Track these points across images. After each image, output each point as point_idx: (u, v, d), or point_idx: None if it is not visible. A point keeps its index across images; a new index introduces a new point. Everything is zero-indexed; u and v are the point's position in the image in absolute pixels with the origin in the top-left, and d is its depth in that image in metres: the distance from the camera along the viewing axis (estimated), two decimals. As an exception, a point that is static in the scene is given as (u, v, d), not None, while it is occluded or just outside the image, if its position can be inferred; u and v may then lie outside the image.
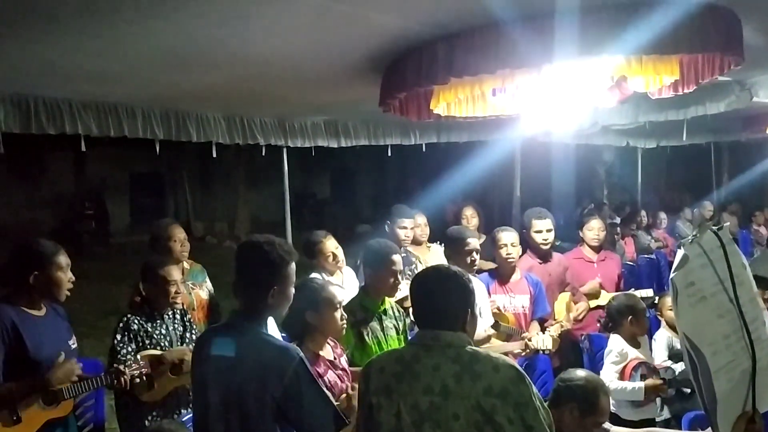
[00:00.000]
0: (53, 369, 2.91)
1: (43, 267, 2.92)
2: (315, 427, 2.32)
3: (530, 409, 2.07)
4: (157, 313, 3.63)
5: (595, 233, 5.23)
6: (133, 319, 3.55)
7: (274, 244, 2.42)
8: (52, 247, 3.02)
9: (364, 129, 5.85)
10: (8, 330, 2.80)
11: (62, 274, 2.97)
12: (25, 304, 2.93)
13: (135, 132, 4.37)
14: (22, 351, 2.82)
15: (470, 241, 4.08)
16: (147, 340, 3.53)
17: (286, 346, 2.36)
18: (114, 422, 5.32)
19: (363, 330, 3.47)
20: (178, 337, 3.71)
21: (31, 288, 2.92)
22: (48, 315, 3.03)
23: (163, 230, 4.51)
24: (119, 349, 3.44)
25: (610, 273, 5.26)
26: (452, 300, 2.22)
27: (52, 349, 2.94)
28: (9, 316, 2.83)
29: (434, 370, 2.12)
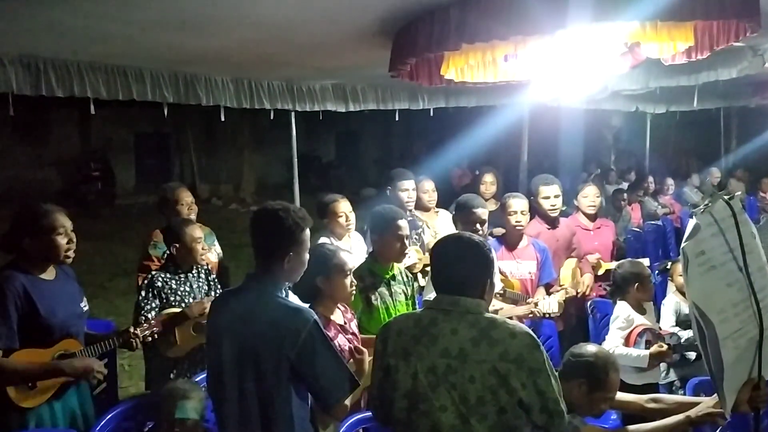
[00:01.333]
0: (74, 361, 2.92)
1: (34, 231, 2.89)
2: (329, 387, 2.37)
3: (543, 375, 2.12)
4: (181, 271, 3.69)
5: (591, 200, 5.17)
6: (157, 276, 3.61)
7: (289, 210, 2.44)
8: (45, 210, 2.95)
9: (373, 93, 5.82)
10: (20, 296, 2.80)
11: (56, 237, 2.91)
12: (34, 269, 2.92)
13: (144, 95, 4.36)
14: (35, 316, 2.83)
15: (477, 210, 4.06)
16: (172, 296, 3.59)
17: (300, 308, 2.40)
18: (125, 381, 5.46)
19: (371, 295, 3.51)
20: (203, 296, 3.76)
21: (30, 252, 2.91)
22: (58, 278, 3.02)
23: (170, 193, 4.54)
24: (143, 305, 3.50)
25: (606, 241, 5.24)
26: (473, 269, 2.26)
27: (64, 313, 2.95)
28: (19, 281, 2.83)
29: (452, 334, 2.16)
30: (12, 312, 2.77)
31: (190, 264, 3.76)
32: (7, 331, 2.76)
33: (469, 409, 2.11)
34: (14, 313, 2.78)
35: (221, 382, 2.41)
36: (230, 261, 5.05)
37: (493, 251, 2.37)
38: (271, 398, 2.35)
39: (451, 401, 2.13)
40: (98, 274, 9.37)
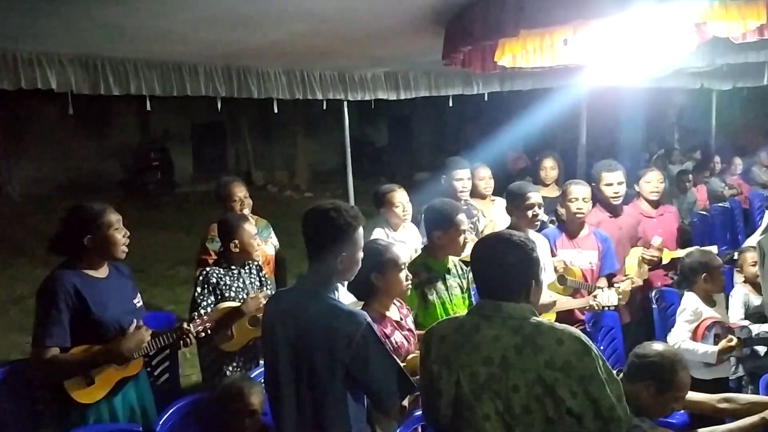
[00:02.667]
0: (125, 339, 2.97)
1: (94, 229, 2.94)
2: (384, 390, 2.33)
3: (595, 382, 2.02)
4: (234, 267, 3.72)
5: (654, 186, 4.89)
6: (212, 272, 3.65)
7: (341, 209, 2.40)
8: (100, 207, 3.01)
9: (425, 80, 5.73)
10: (71, 294, 2.86)
11: (114, 233, 2.98)
12: (86, 267, 2.98)
13: (197, 90, 4.41)
14: (87, 313, 2.89)
15: (531, 195, 3.94)
16: (226, 292, 3.63)
17: (353, 312, 2.36)
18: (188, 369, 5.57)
19: (427, 290, 3.44)
20: (256, 291, 3.79)
21: (89, 251, 2.96)
22: (111, 276, 3.07)
23: (223, 188, 4.60)
24: (200, 301, 3.55)
25: (670, 227, 5.00)
26: (515, 271, 2.15)
27: (116, 310, 3.00)
28: (71, 280, 2.89)
29: (494, 341, 2.08)
30: (64, 311, 2.84)
31: (244, 261, 3.79)
32: (59, 330, 2.83)
33: (514, 418, 2.04)
34: (66, 311, 2.84)
35: (277, 382, 2.41)
36: (286, 248, 5.06)
37: (536, 250, 2.24)
38: (325, 400, 2.33)
39: (494, 410, 2.06)
40: (159, 263, 9.59)
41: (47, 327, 2.81)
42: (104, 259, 3.03)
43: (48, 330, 2.80)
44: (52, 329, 2.81)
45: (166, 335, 3.20)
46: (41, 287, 2.91)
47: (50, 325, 2.81)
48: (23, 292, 8.54)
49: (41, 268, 9.76)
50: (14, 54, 3.60)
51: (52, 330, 2.81)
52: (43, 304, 2.85)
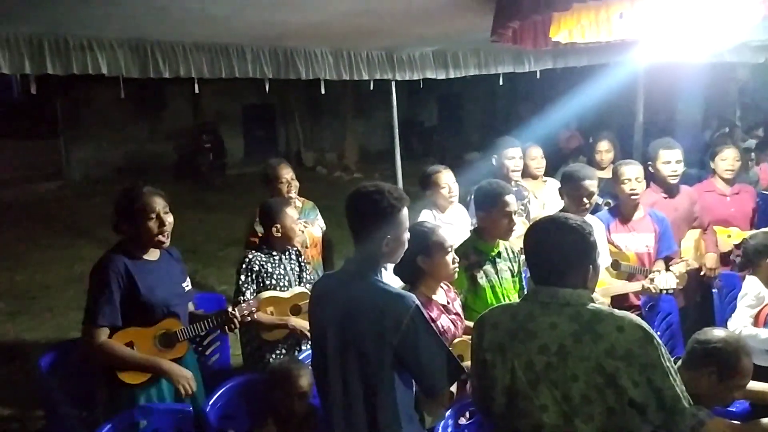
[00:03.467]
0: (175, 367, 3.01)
1: (128, 216, 2.98)
2: (432, 374, 2.29)
3: (658, 371, 1.94)
4: (275, 253, 3.72)
5: (730, 164, 4.73)
6: (254, 259, 3.66)
7: (384, 191, 2.36)
8: (134, 195, 3.02)
9: (474, 58, 5.59)
10: (122, 276, 2.92)
11: (148, 222, 2.97)
12: (137, 251, 3.02)
13: (245, 72, 4.40)
14: (136, 295, 2.94)
15: (585, 183, 3.77)
16: (267, 279, 3.64)
17: (402, 294, 2.32)
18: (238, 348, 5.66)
19: (476, 273, 3.38)
20: (296, 277, 3.80)
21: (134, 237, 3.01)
22: (162, 259, 3.11)
23: (271, 171, 4.61)
24: (243, 290, 3.57)
25: (745, 207, 4.80)
26: (572, 256, 2.07)
27: (164, 292, 3.04)
28: (122, 262, 2.94)
29: (551, 329, 2.01)
30: (115, 291, 2.90)
31: (285, 246, 3.78)
32: (111, 310, 2.89)
33: (573, 408, 1.97)
34: (117, 292, 2.90)
35: (325, 367, 2.40)
36: (336, 229, 5.04)
37: (593, 233, 2.15)
38: (374, 384, 2.31)
39: (552, 400, 2.00)
40: (211, 244, 9.75)
41: (99, 306, 2.88)
42: (142, 245, 3.04)
43: (100, 309, 2.87)
44: (105, 308, 2.88)
45: (210, 319, 3.22)
46: (94, 267, 2.98)
47: (102, 305, 2.88)
48: (83, 271, 8.81)
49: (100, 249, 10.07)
50: (65, 39, 3.64)
51: (104, 309, 2.88)
52: (96, 283, 2.92)
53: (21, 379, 5.24)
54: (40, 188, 15.32)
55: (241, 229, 9.84)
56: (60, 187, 15.60)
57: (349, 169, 16.96)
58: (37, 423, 4.63)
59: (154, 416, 2.85)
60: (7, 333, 6.60)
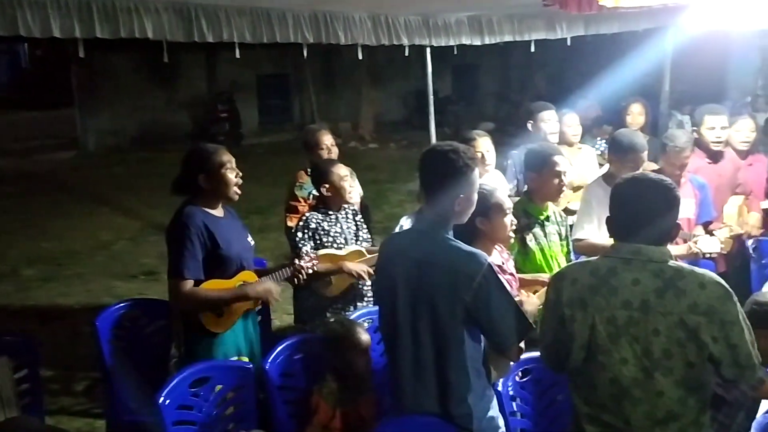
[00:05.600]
0: (258, 284, 3.15)
1: (208, 168, 3.06)
2: (503, 330, 2.34)
3: (737, 328, 1.99)
4: (332, 212, 3.77)
5: (745, 135, 4.64)
6: (311, 217, 3.71)
7: (459, 151, 2.39)
8: (213, 148, 3.15)
9: (508, 24, 5.58)
10: (202, 231, 3.00)
11: (227, 172, 3.07)
12: (207, 206, 3.10)
13: (286, 37, 4.40)
14: (216, 249, 3.03)
15: (642, 155, 3.78)
16: (324, 237, 3.69)
17: (475, 252, 2.37)
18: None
19: (526, 236, 3.43)
20: (353, 235, 3.85)
21: (205, 190, 3.08)
22: (227, 215, 3.20)
23: (311, 137, 4.63)
24: (300, 246, 3.62)
25: (759, 177, 4.78)
26: (661, 214, 2.11)
27: (238, 246, 3.15)
28: (200, 217, 3.03)
29: (633, 284, 2.04)
30: (197, 245, 2.98)
31: (339, 204, 3.82)
32: (194, 264, 2.97)
33: (653, 362, 2.02)
34: (199, 246, 2.98)
35: (395, 323, 2.45)
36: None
37: (678, 192, 2.19)
38: (445, 340, 2.37)
39: (632, 354, 2.04)
40: (233, 213, 9.79)
41: (184, 260, 2.95)
42: (219, 198, 3.13)
43: (185, 263, 2.95)
44: (189, 262, 2.95)
45: (283, 271, 3.31)
46: (173, 223, 3.05)
47: (187, 259, 2.95)
48: (108, 238, 8.92)
49: (123, 217, 10.19)
50: (113, 2, 3.66)
51: (188, 263, 2.95)
52: (178, 238, 2.99)
53: (61, 340, 5.34)
54: (57, 158, 15.39)
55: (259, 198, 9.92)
56: (76, 156, 15.65)
57: (364, 140, 16.91)
58: (81, 383, 4.75)
59: (217, 372, 2.92)
60: (39, 298, 6.70)
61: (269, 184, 10.37)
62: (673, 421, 2.04)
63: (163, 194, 3.44)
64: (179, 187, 3.14)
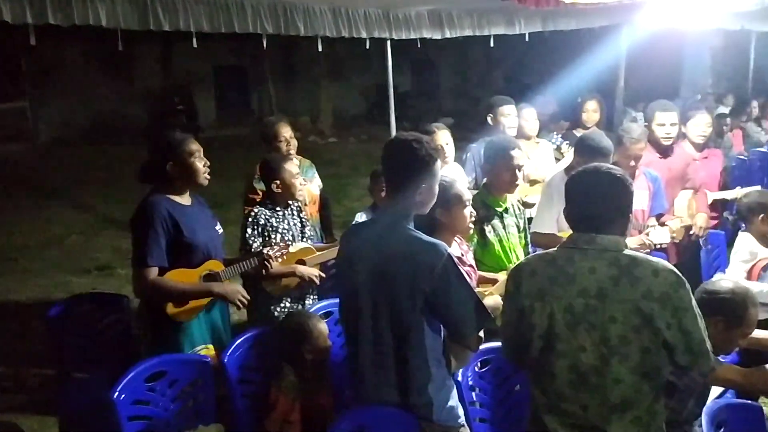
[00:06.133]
0: (225, 285, 3.13)
1: (176, 156, 3.02)
2: (463, 320, 2.36)
3: (689, 315, 2.03)
4: (279, 208, 3.74)
5: (701, 129, 4.80)
6: (260, 213, 3.67)
7: (422, 141, 2.40)
8: (181, 136, 3.12)
9: (468, 19, 5.60)
10: (166, 218, 2.97)
11: (196, 161, 3.06)
12: (174, 194, 3.07)
13: (244, 27, 4.34)
14: (180, 237, 3.00)
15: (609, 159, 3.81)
16: (273, 233, 3.65)
17: (435, 242, 2.37)
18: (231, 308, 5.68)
19: (485, 227, 3.46)
20: (299, 232, 3.83)
21: (173, 178, 3.04)
22: (194, 204, 3.17)
23: (269, 129, 4.59)
24: (251, 242, 3.58)
25: (713, 170, 4.99)
26: (616, 204, 2.15)
27: (204, 235, 3.11)
28: (164, 205, 2.99)
29: (590, 273, 2.08)
30: (161, 233, 2.95)
31: (287, 201, 3.79)
32: (158, 251, 2.94)
33: (610, 349, 2.05)
34: (163, 234, 2.95)
35: (355, 314, 2.44)
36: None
37: (633, 185, 2.23)
38: (405, 330, 2.37)
39: (590, 341, 2.07)
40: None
41: (148, 248, 2.92)
42: (187, 185, 3.11)
43: (149, 251, 2.91)
44: (153, 251, 2.92)
45: (249, 260, 3.29)
46: (137, 213, 3.01)
47: (150, 247, 2.92)
48: (60, 232, 8.69)
49: (74, 211, 9.93)
50: (67, -10, 3.56)
51: (152, 251, 2.92)
52: (142, 227, 2.95)
53: (12, 337, 5.19)
54: (6, 150, 14.91)
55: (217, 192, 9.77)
56: (26, 149, 15.22)
57: (323, 134, 16.85)
58: (33, 380, 4.62)
59: (174, 366, 2.87)
60: (-10, 294, 6.50)
61: (227, 177, 10.13)
62: (630, 408, 2.08)
63: (117, 188, 3.40)
64: (146, 175, 3.09)
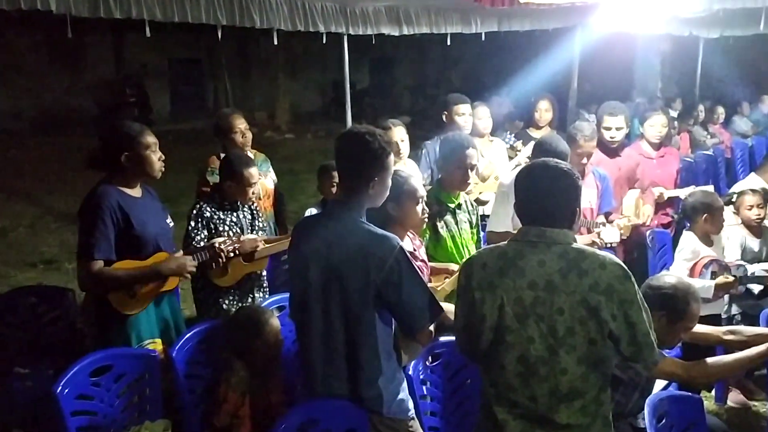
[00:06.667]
0: (168, 260, 3.06)
1: (132, 147, 2.97)
2: (414, 313, 2.37)
3: (634, 307, 2.07)
4: (227, 203, 3.68)
5: (657, 130, 5.00)
6: (205, 206, 3.61)
7: (375, 134, 2.40)
8: (138, 128, 3.06)
9: (425, 16, 5.63)
10: (116, 210, 2.91)
11: (151, 153, 3.01)
12: (124, 186, 3.01)
13: (198, 17, 4.28)
14: (129, 229, 2.94)
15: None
16: (221, 226, 3.60)
17: (387, 235, 2.38)
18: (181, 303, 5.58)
19: (438, 223, 3.48)
20: (248, 225, 3.77)
21: (125, 169, 2.98)
22: (145, 196, 3.12)
23: (223, 121, 4.54)
24: (194, 235, 3.51)
25: (670, 169, 5.14)
26: (564, 198, 2.17)
27: (154, 227, 3.06)
28: (114, 197, 2.93)
29: (539, 265, 2.11)
30: (109, 225, 2.88)
31: (239, 201, 3.72)
32: (105, 244, 2.88)
33: (558, 340, 2.09)
34: (111, 226, 2.89)
35: (306, 307, 2.43)
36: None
37: (580, 180, 2.28)
38: (356, 323, 2.37)
39: (539, 333, 2.10)
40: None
41: (94, 240, 2.85)
42: (140, 177, 3.06)
43: (95, 243, 2.85)
44: (100, 243, 2.86)
45: (200, 254, 3.24)
46: (85, 203, 2.93)
47: (97, 239, 2.85)
48: (5, 225, 8.42)
49: (20, 203, 9.63)
50: (14, -26, 3.45)
51: (99, 243, 2.85)
52: (89, 218, 2.89)
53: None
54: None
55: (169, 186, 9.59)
56: (-30, 139, 14.67)
57: (280, 129, 16.71)
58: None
59: (120, 360, 2.81)
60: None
61: (179, 171, 9.97)
62: (577, 398, 2.12)
63: (64, 180, 3.31)
64: (96, 163, 3.02)
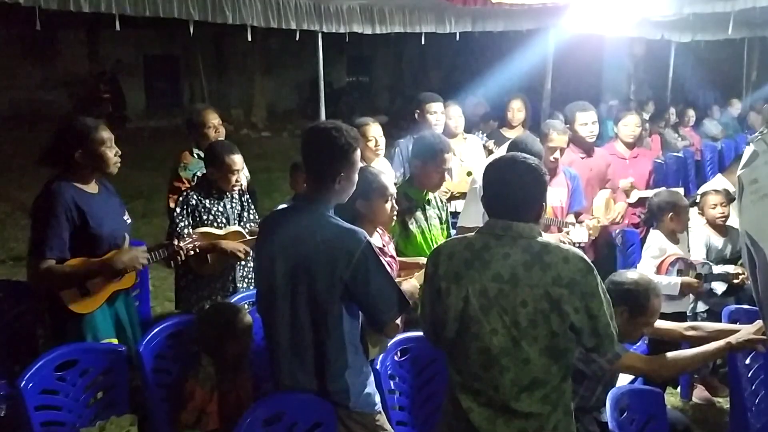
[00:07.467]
0: (121, 253, 3.01)
1: (86, 144, 2.93)
2: (381, 307, 2.39)
3: (596, 300, 2.11)
4: (215, 192, 3.68)
5: (631, 129, 5.13)
6: (192, 194, 3.61)
7: (342, 129, 2.41)
8: (93, 124, 3.02)
9: (399, 15, 5.65)
10: (71, 208, 2.87)
11: (106, 150, 2.98)
12: (80, 182, 2.97)
13: (170, 12, 4.26)
14: (85, 227, 2.90)
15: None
16: (205, 216, 3.60)
17: (354, 229, 2.39)
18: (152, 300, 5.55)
19: (407, 219, 3.51)
20: (236, 216, 3.77)
21: (80, 166, 2.95)
22: (101, 192, 3.08)
23: (196, 116, 4.54)
24: (177, 222, 3.53)
25: (642, 170, 5.24)
26: (530, 193, 2.20)
27: (111, 225, 3.03)
28: (70, 194, 2.89)
29: (504, 258, 2.14)
30: (63, 223, 2.84)
31: (224, 190, 3.73)
32: (59, 242, 2.84)
33: (521, 332, 2.12)
34: (66, 224, 2.85)
35: (273, 301, 2.44)
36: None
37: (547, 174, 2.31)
38: (323, 317, 2.38)
39: (502, 324, 2.13)
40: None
41: (47, 239, 2.81)
42: (95, 174, 3.02)
43: (48, 241, 2.81)
44: (52, 241, 2.81)
45: (157, 251, 3.21)
46: (39, 200, 2.89)
47: (50, 237, 2.81)
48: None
49: (-8, 198, 9.48)
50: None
51: (52, 242, 2.81)
52: (43, 216, 2.84)
53: None
54: None
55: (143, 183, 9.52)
56: (-62, 134, 14.39)
57: (256, 127, 16.64)
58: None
59: (86, 354, 2.79)
60: None
61: (153, 168, 10.00)
62: (538, 387, 2.16)
63: (35, 176, 3.27)
64: (50, 160, 2.98)
